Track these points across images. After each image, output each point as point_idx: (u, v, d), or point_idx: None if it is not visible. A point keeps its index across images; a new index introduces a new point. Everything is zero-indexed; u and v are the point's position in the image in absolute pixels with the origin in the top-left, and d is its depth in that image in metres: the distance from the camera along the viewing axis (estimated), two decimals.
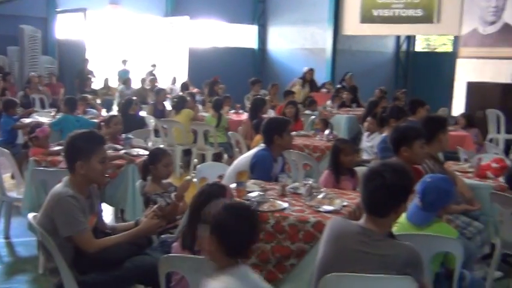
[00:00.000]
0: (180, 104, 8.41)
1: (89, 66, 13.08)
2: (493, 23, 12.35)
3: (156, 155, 4.13)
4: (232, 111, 9.77)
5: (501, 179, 4.48)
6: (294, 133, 6.69)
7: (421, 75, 17.28)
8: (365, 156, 6.30)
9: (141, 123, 7.79)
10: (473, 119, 8.65)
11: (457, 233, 3.25)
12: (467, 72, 12.60)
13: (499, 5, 12.22)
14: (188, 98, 8.90)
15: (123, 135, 5.91)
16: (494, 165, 4.84)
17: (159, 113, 9.00)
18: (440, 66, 16.27)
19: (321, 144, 6.50)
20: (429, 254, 3.05)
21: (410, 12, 13.87)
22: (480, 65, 12.40)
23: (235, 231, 2.30)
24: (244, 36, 17.39)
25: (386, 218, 2.56)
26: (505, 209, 4.07)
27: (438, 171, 4.21)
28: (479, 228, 4.27)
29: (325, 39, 15.57)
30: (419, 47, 18.89)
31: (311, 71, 12.68)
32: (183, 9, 14.95)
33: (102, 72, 13.70)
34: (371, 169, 2.59)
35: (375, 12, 14.26)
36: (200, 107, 10.03)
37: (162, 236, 3.60)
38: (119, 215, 5.44)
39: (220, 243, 2.28)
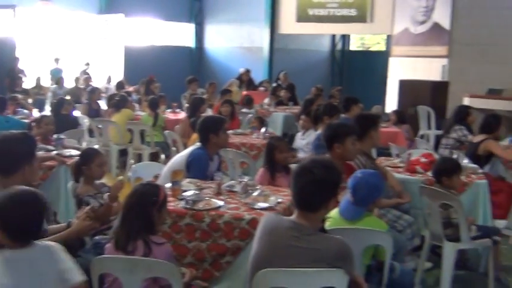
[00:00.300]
0: (120, 102, 8.28)
1: (20, 65, 12.63)
2: (423, 22, 12.76)
3: (89, 155, 4.05)
4: (169, 110, 9.69)
5: (430, 173, 4.64)
6: (230, 132, 6.73)
7: (356, 73, 17.69)
8: (301, 154, 6.39)
9: (75, 123, 7.62)
10: (404, 115, 8.93)
11: (386, 226, 3.35)
12: (400, 70, 12.98)
13: (429, 5, 12.64)
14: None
15: (55, 136, 5.76)
16: (423, 160, 5.02)
17: (93, 112, 8.82)
18: (374, 64, 16.69)
19: (257, 142, 6.56)
20: (360, 247, 3.14)
21: (345, 12, 14.15)
22: (412, 63, 12.79)
23: (17, 216, 2.42)
24: (181, 34, 17.26)
25: (317, 213, 2.61)
26: (433, 202, 4.23)
27: (370, 167, 4.33)
28: (409, 221, 4.42)
29: (262, 38, 15.67)
30: (354, 45, 19.31)
31: (247, 72, 12.74)
32: (118, 7, 14.68)
33: (33, 71, 13.26)
34: (301, 166, 2.65)
35: (311, 12, 14.47)
36: (136, 106, 9.89)
37: (96, 237, 3.54)
38: (52, 217, 5.29)
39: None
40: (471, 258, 4.83)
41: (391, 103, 12.38)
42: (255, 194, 3.75)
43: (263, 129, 7.04)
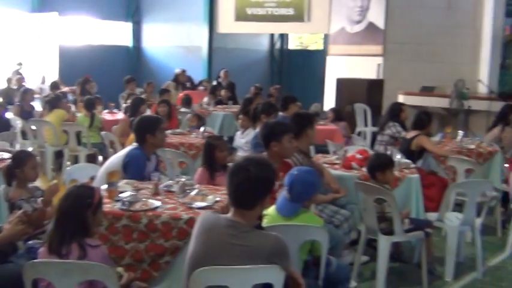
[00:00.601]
0: (53, 102, 8.06)
1: None
2: (359, 22, 13.04)
3: (21, 158, 3.95)
4: (106, 110, 9.52)
5: (365, 169, 4.76)
6: (169, 131, 6.69)
7: (295, 72, 17.89)
8: (240, 153, 6.42)
9: (7, 125, 7.37)
10: (341, 113, 9.12)
11: (322, 221, 3.42)
12: (337, 68, 13.21)
13: (364, 5, 12.93)
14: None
15: None
16: (358, 156, 5.14)
17: (26, 114, 8.55)
18: (312, 63, 16.93)
19: (196, 141, 6.54)
20: (297, 243, 3.19)
21: (283, 11, 14.28)
22: (348, 62, 13.04)
23: None
24: (118, 33, 16.95)
25: (253, 210, 2.64)
26: (367, 196, 4.34)
27: (307, 164, 4.40)
28: (346, 215, 4.53)
29: (200, 37, 15.62)
30: (293, 45, 19.51)
31: (183, 72, 12.68)
32: (51, 5, 14.26)
33: None
34: (236, 164, 2.67)
35: (249, 11, 14.52)
36: (73, 107, 9.66)
37: (29, 242, 3.44)
38: None
39: None
40: (405, 251, 4.99)
41: (329, 101, 12.59)
42: (193, 193, 3.75)
43: (202, 129, 7.03)
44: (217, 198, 3.72)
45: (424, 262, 4.47)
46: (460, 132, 7.08)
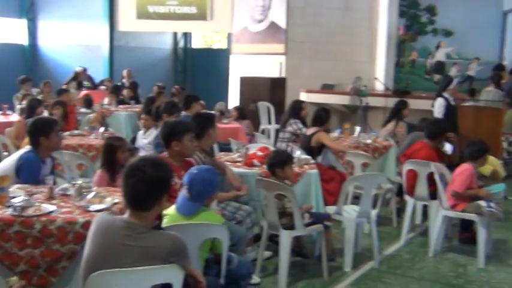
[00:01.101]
0: None
1: None
2: (261, 21, 13.20)
3: None
4: None
5: (266, 166, 4.82)
6: (67, 133, 6.46)
7: (200, 71, 17.84)
8: (143, 153, 6.31)
9: None
10: (244, 111, 9.20)
11: (222, 219, 3.43)
12: (241, 67, 13.33)
13: (266, 5, 13.11)
14: None
15: None
16: (259, 153, 5.22)
17: None
18: (216, 62, 16.95)
19: (95, 143, 6.36)
20: (198, 242, 3.18)
21: (185, 10, 14.20)
22: (252, 60, 13.19)
23: None
24: (11, 30, 16.09)
25: (150, 211, 2.60)
26: (268, 193, 4.41)
27: (209, 163, 4.41)
28: (248, 212, 4.58)
29: (101, 35, 15.18)
30: (197, 43, 19.44)
31: (84, 70, 12.30)
32: None
33: None
34: (130, 165, 2.61)
35: (151, 9, 14.31)
36: None
37: None
38: None
39: None
40: (307, 245, 5.12)
41: (234, 99, 12.67)
42: (90, 196, 3.64)
43: (101, 129, 6.84)
44: (116, 200, 3.63)
45: (324, 254, 4.61)
46: (357, 128, 7.37)
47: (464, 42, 14.27)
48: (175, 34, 18.11)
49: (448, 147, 6.49)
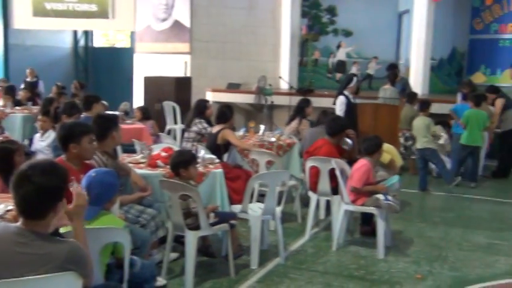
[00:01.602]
0: None
1: None
2: (164, 20, 13.05)
3: None
4: None
5: (169, 167, 4.75)
6: None
7: (103, 70, 17.34)
8: (40, 156, 6.04)
9: None
10: (148, 111, 9.05)
11: (123, 222, 3.34)
12: (145, 66, 13.11)
13: (169, 3, 12.97)
14: None
15: None
16: (163, 154, 5.14)
17: None
18: (120, 61, 16.56)
19: None
20: (98, 246, 3.07)
21: (85, 7, 13.77)
22: (156, 59, 13.01)
23: None
24: None
25: (45, 219, 2.47)
26: (172, 193, 4.36)
27: (111, 165, 4.28)
28: (152, 214, 4.49)
29: None
30: (99, 42, 18.90)
31: None
32: None
33: None
34: (19, 173, 2.44)
35: (48, 6, 13.74)
36: None
37: None
38: None
39: None
40: (213, 244, 5.10)
41: (138, 99, 12.45)
42: None
43: None
44: (10, 207, 3.44)
45: (230, 253, 4.61)
46: (262, 127, 7.45)
47: (363, 42, 14.83)
48: (75, 32, 17.48)
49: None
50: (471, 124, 8.16)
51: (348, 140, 6.34)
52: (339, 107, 8.58)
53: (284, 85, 12.75)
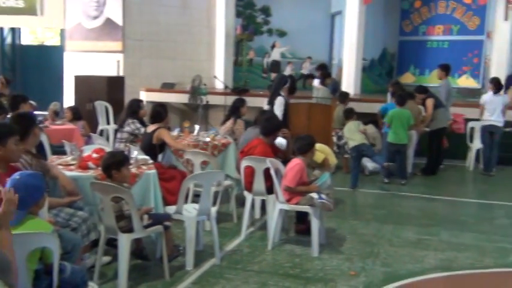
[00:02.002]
0: None
1: None
2: (96, 17, 12.73)
3: None
4: None
5: (100, 168, 4.63)
6: None
7: (31, 69, 16.67)
8: None
9: None
10: (79, 111, 8.80)
11: (51, 227, 3.22)
12: (76, 65, 12.75)
13: (100, 0, 12.66)
14: None
15: None
16: (94, 155, 5.00)
17: None
18: (50, 59, 15.96)
19: None
20: (25, 253, 2.96)
21: (12, 3, 13.23)
22: (87, 58, 12.67)
23: None
24: None
25: None
26: (104, 196, 4.24)
27: (36, 165, 4.14)
28: (83, 217, 4.36)
29: None
30: (27, 40, 18.19)
31: None
32: None
33: None
34: None
35: None
36: None
37: None
38: None
39: None
40: (148, 246, 5.01)
41: (69, 99, 12.09)
42: None
43: None
44: None
45: (165, 255, 4.54)
46: (196, 126, 7.39)
47: (297, 42, 15.03)
48: (1, 30, 16.74)
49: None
50: (395, 123, 8.42)
51: (282, 141, 6.38)
52: (279, 107, 8.70)
53: (219, 85, 12.72)
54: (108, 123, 10.72)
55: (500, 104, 9.43)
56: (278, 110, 8.61)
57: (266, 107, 8.15)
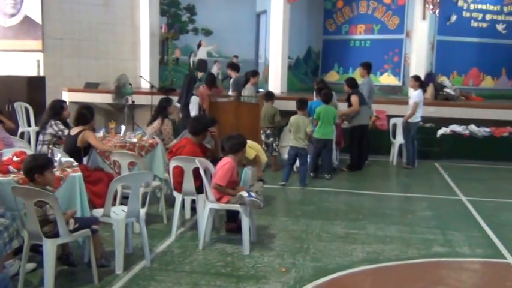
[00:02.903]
0: None
1: None
2: (13, 15, 12.23)
3: None
4: None
5: (21, 172, 4.45)
6: None
7: None
8: None
9: None
10: None
11: None
12: None
13: None
14: None
15: None
16: (15, 159, 4.80)
17: None
18: None
19: None
20: None
21: None
22: (5, 57, 12.15)
23: None
24: None
25: None
26: (27, 201, 4.07)
27: None
28: (4, 224, 4.17)
29: None
30: None
31: None
32: None
33: None
34: None
35: None
36: None
37: None
38: None
39: None
40: (75, 251, 4.86)
41: None
42: None
43: None
44: None
45: (93, 259, 4.42)
46: (123, 127, 7.24)
47: (223, 41, 15.04)
48: None
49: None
50: (322, 119, 8.63)
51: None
52: (195, 106, 8.78)
53: (145, 84, 12.54)
54: (29, 125, 10.31)
55: (423, 101, 9.92)
56: (193, 109, 8.73)
57: (177, 105, 8.19)
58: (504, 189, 8.67)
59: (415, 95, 9.87)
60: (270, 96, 9.53)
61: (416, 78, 10.07)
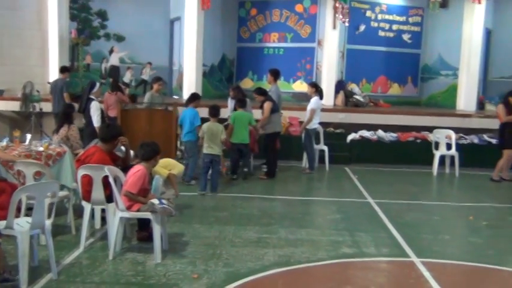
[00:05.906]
0: None
1: None
2: None
3: None
4: None
5: None
6: None
7: None
8: None
9: None
10: None
11: None
12: None
13: None
14: None
15: None
16: None
17: None
18: None
19: None
20: None
21: None
22: None
23: None
24: None
25: None
26: None
27: None
28: None
29: None
30: None
31: None
32: None
33: None
34: None
35: None
36: None
37: None
38: None
39: None
40: None
41: None
42: None
43: None
44: None
45: None
46: (28, 135, 6.96)
47: (136, 48, 14.86)
48: None
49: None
50: (237, 124, 8.83)
51: (122, 148, 6.24)
52: (96, 111, 8.64)
53: None
54: None
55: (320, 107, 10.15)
56: (95, 114, 8.62)
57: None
58: (409, 191, 9.10)
59: (311, 101, 10.03)
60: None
61: (313, 85, 10.34)
